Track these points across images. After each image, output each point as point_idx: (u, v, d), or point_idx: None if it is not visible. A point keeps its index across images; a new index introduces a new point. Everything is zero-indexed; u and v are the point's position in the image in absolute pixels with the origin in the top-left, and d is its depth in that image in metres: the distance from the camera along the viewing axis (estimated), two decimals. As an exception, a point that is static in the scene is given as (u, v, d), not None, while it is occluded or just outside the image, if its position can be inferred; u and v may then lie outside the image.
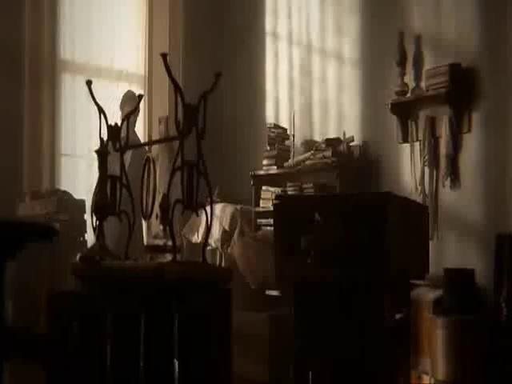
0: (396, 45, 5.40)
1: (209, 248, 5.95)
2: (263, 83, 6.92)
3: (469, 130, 5.06)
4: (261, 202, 6.33)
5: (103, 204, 2.39)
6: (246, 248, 5.86)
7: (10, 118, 6.00)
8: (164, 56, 2.17)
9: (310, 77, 6.44)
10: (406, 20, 5.55)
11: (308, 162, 6.01)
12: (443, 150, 5.15)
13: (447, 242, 5.14)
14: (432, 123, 5.26)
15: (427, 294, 4.65)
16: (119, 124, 2.64)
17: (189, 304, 1.97)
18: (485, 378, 4.31)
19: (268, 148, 6.42)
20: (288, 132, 6.36)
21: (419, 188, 5.30)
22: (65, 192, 5.74)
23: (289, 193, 6.11)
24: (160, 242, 2.14)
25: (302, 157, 6.11)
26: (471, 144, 5.05)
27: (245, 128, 6.63)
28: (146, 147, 5.59)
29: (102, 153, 2.45)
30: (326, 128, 6.24)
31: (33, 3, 6.26)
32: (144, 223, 5.38)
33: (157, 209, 2.14)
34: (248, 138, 6.55)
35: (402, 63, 5.38)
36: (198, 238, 6.13)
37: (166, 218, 2.09)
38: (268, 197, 6.29)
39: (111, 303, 2.11)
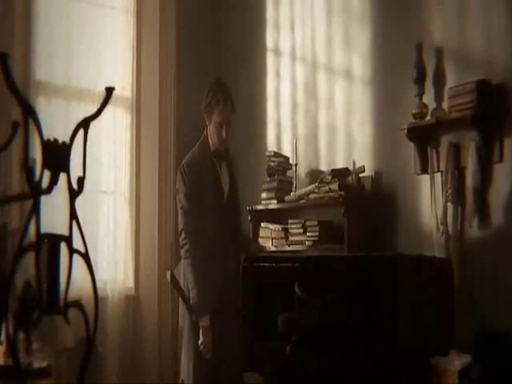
0: (413, 59, 4.83)
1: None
2: (263, 105, 6.38)
3: (500, 160, 4.43)
4: (259, 240, 5.66)
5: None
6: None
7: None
8: (2, 56, 1.39)
9: (316, 98, 5.87)
10: (425, 30, 4.96)
11: (312, 196, 5.39)
12: (470, 182, 4.53)
13: (476, 297, 4.42)
14: (456, 151, 4.67)
15: (452, 362, 3.93)
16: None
17: None
18: None
19: (268, 179, 5.83)
20: (290, 161, 5.78)
21: (441, 228, 4.65)
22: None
23: (291, 231, 5.49)
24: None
25: (305, 190, 5.47)
26: (503, 176, 4.42)
27: (242, 156, 6.02)
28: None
29: None
30: (333, 156, 5.67)
31: (2, 16, 5.59)
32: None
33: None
34: (245, 167, 5.95)
35: (420, 81, 4.82)
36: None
37: (25, 323, 1.29)
38: (268, 235, 5.72)
39: None
